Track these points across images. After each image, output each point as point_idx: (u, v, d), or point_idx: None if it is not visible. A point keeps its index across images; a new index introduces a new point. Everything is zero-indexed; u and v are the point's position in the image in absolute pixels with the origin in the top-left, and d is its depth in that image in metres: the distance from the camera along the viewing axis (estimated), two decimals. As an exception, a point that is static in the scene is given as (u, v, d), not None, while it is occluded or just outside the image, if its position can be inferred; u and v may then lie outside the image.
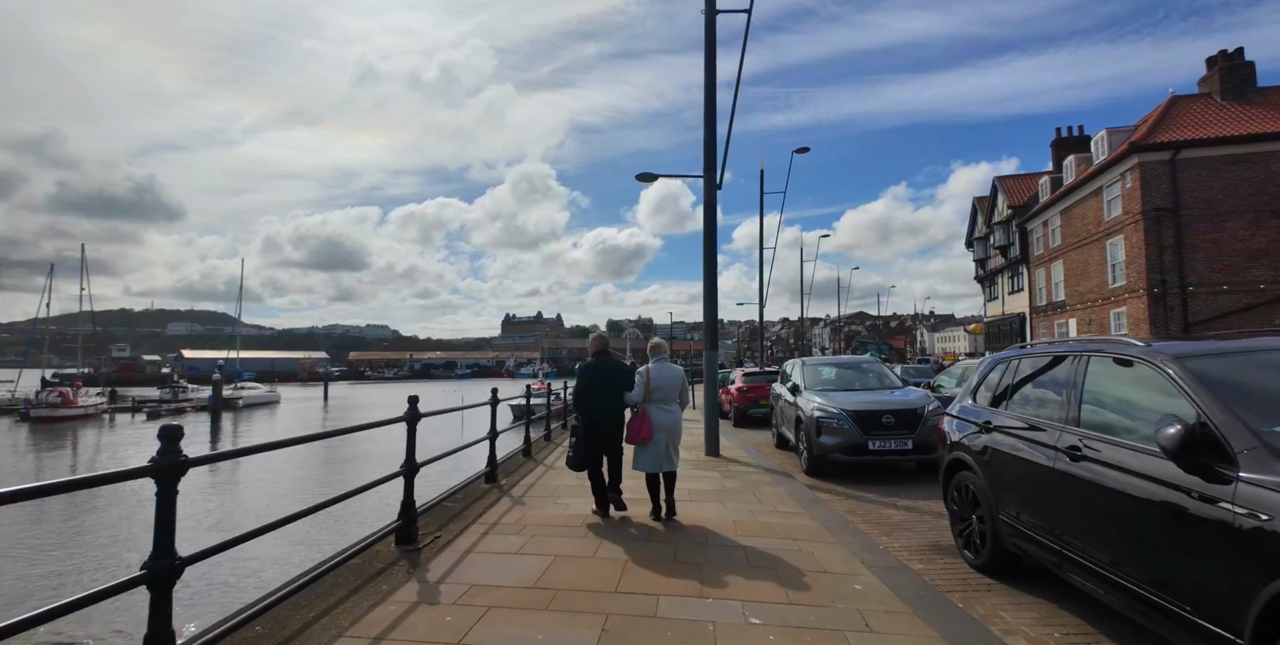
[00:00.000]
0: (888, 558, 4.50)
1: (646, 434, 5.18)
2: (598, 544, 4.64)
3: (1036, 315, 31.16)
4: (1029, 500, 3.73)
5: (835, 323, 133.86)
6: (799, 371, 9.44)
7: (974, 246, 39.63)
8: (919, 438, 7.46)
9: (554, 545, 4.57)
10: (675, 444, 5.36)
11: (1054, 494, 3.46)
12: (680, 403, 5.48)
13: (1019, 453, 3.84)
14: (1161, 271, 21.11)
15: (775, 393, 10.94)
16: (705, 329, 9.43)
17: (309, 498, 13.73)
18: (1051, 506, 3.49)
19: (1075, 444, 3.32)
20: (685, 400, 5.59)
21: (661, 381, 5.35)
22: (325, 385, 67.42)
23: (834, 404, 7.83)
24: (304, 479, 18.99)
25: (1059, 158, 31.43)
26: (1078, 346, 3.71)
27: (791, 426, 9.02)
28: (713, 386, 9.54)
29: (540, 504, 5.97)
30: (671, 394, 5.39)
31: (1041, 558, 3.64)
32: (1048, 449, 3.55)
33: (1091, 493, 3.12)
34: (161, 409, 47.76)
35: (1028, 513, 3.74)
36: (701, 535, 4.93)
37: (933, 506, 6.40)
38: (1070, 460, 3.32)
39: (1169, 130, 22.07)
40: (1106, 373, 3.41)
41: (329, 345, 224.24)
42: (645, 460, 5.29)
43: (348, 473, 19.79)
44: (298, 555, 10.17)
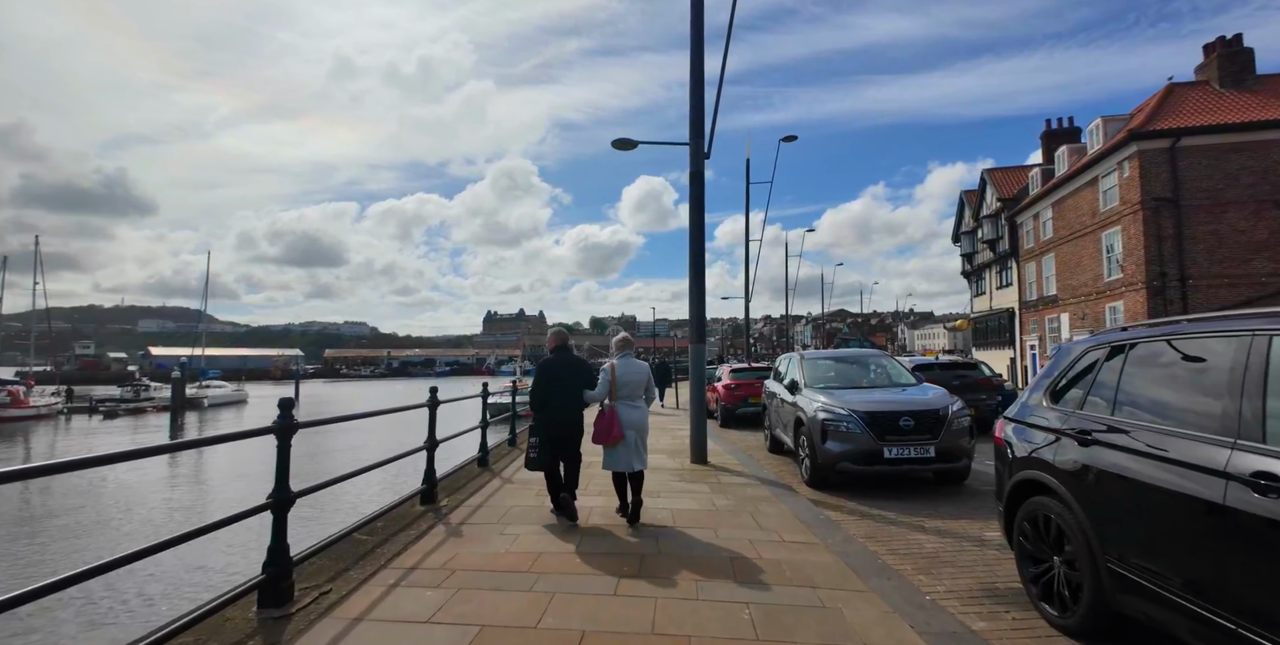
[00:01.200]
0: (941, 615, 3.32)
1: (618, 433, 4.96)
2: (546, 601, 3.38)
3: (1026, 310, 30.48)
4: (1161, 545, 2.58)
5: (817, 320, 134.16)
6: (797, 367, 8.26)
7: (961, 241, 38.97)
8: (942, 444, 6.33)
9: (486, 605, 3.30)
10: (644, 441, 5.19)
11: (1213, 541, 2.31)
12: (646, 399, 5.31)
13: (1146, 478, 2.67)
14: (1161, 263, 20.37)
15: (769, 391, 9.77)
16: (691, 319, 8.23)
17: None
18: (1205, 558, 2.35)
19: (1264, 470, 2.17)
20: (651, 396, 5.41)
21: (628, 378, 5.16)
22: (296, 384, 65.11)
23: (842, 404, 6.66)
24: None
25: (1049, 149, 30.78)
26: (1249, 322, 2.54)
27: (789, 430, 7.86)
28: (700, 384, 8.34)
29: (482, 536, 4.70)
30: (638, 390, 5.21)
31: (1176, 627, 2.49)
32: (1206, 475, 2.39)
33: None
34: (119, 409, 45.51)
35: (1156, 562, 2.59)
36: (691, 584, 3.70)
37: (968, 529, 5.25)
38: (1257, 493, 2.16)
39: (1168, 118, 21.33)
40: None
41: (305, 343, 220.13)
42: (615, 459, 5.07)
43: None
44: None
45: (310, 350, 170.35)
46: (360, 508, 6.42)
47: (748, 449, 10.24)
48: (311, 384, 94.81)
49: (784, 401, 8.33)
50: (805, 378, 7.89)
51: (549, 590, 3.55)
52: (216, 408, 49.52)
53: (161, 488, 16.87)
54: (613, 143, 8.92)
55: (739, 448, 10.11)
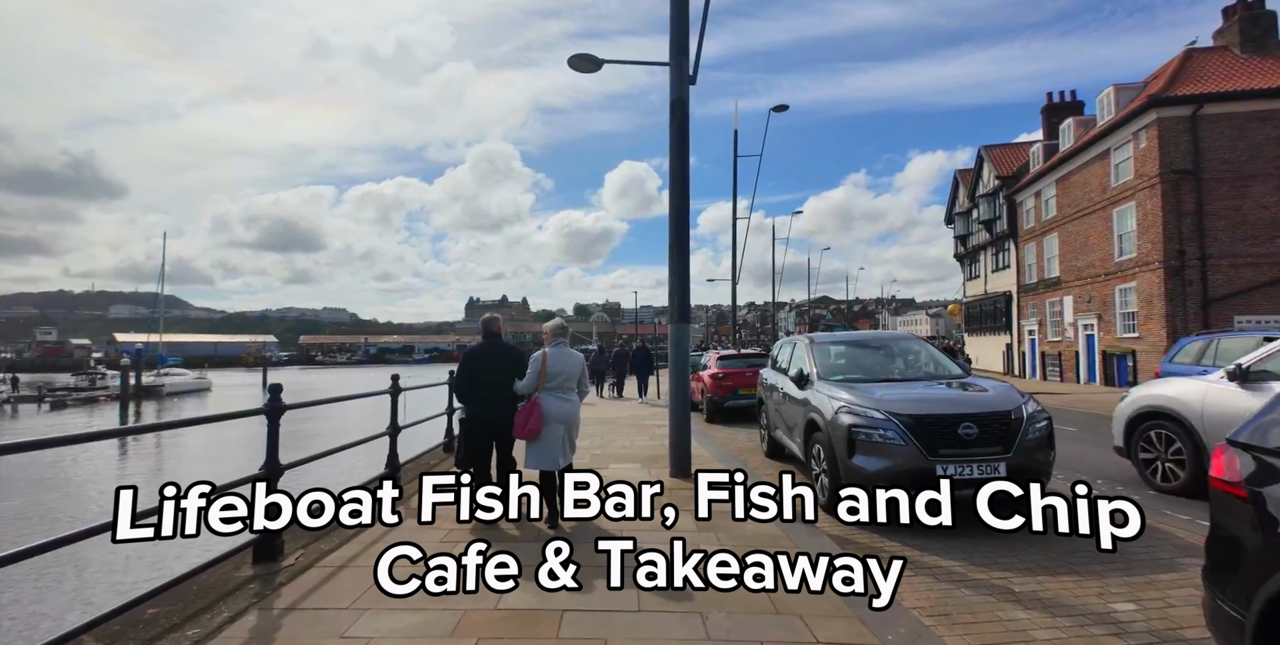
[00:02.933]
0: None
1: (535, 426, 4.62)
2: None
3: (1024, 293, 29.10)
4: None
5: (800, 307, 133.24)
6: (807, 354, 6.43)
7: (954, 222, 37.48)
8: (1017, 459, 4.59)
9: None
10: (572, 436, 4.92)
11: None
12: (580, 392, 5.01)
13: None
14: (1180, 241, 18.89)
15: (767, 383, 7.99)
16: (672, 293, 6.40)
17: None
18: None
19: None
20: (585, 389, 5.09)
21: (559, 368, 4.80)
22: (264, 371, 62.45)
23: (875, 403, 4.90)
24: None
25: (1051, 124, 29.21)
26: None
27: (798, 434, 6.10)
28: (683, 374, 6.55)
29: (314, 634, 2.85)
30: (570, 382, 4.88)
31: None
32: None
33: None
34: (68, 398, 42.98)
35: None
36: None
37: (1082, 594, 3.52)
38: None
39: (1188, 84, 19.75)
40: None
41: (283, 329, 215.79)
42: (538, 456, 4.71)
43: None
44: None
45: (289, 337, 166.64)
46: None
47: (740, 452, 8.49)
48: (285, 371, 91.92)
49: (788, 398, 6.56)
50: (818, 368, 6.09)
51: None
52: (177, 396, 47.12)
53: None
54: (570, 60, 6.95)
55: (730, 452, 8.36)
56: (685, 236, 6.34)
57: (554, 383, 4.75)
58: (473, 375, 4.87)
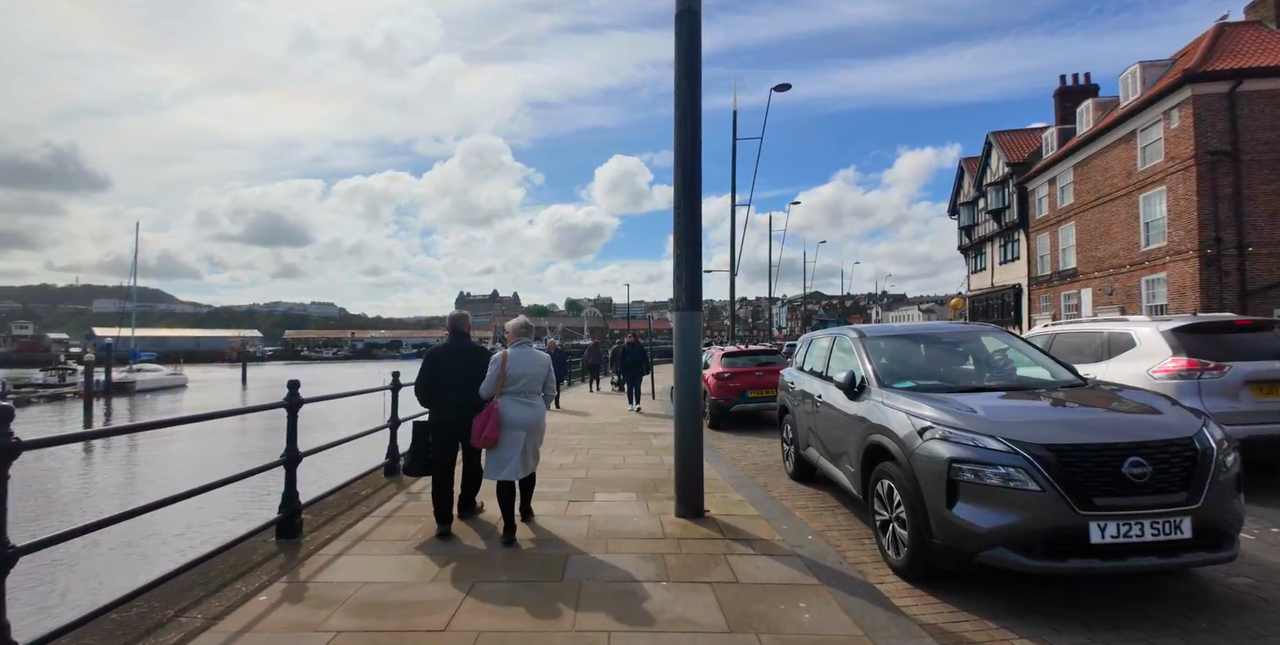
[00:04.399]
0: None
1: (491, 434, 4.24)
2: None
3: (1036, 286, 27.72)
4: None
5: (793, 302, 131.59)
6: (859, 353, 4.83)
7: (959, 213, 36.08)
8: (1206, 511, 3.03)
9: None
10: (535, 443, 4.51)
11: None
12: (545, 395, 4.63)
13: None
14: (1216, 228, 17.48)
15: (793, 388, 6.38)
16: (679, 271, 4.78)
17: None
18: None
19: None
20: (551, 392, 4.69)
21: (521, 370, 4.40)
22: (243, 367, 60.35)
23: (985, 426, 3.31)
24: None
25: (1064, 108, 27.77)
26: None
27: (850, 461, 4.51)
28: (691, 375, 4.95)
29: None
30: (533, 385, 4.48)
31: None
32: None
33: None
34: (32, 396, 40.95)
35: None
36: None
37: None
38: None
39: (1224, 59, 18.30)
40: None
41: (271, 323, 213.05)
42: (496, 465, 4.31)
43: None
44: None
45: (276, 332, 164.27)
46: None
47: (755, 471, 6.91)
48: (268, 367, 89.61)
49: (830, 410, 4.99)
50: (877, 371, 4.50)
51: None
52: (150, 393, 45.24)
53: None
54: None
55: (742, 471, 6.77)
56: (695, 194, 4.73)
57: (515, 386, 4.39)
58: (435, 378, 4.59)
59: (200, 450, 18.75)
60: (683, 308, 4.81)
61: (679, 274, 4.79)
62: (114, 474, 16.21)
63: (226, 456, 17.37)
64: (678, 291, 4.82)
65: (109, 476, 15.78)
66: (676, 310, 4.83)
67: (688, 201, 4.68)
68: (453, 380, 4.54)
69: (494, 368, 4.41)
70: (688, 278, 4.77)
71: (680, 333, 4.83)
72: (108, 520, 2.89)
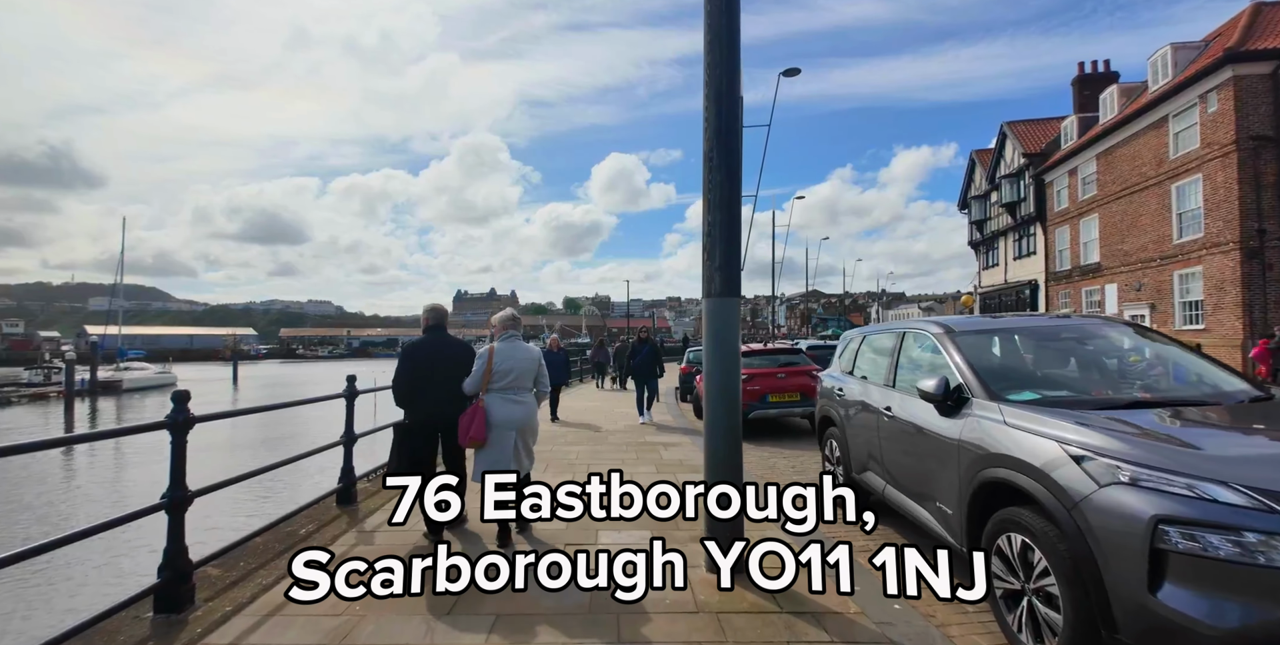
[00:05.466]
0: None
1: (477, 433, 4.01)
2: None
3: (1054, 282, 26.59)
4: None
5: (791, 300, 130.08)
6: (951, 352, 3.58)
7: (970, 207, 34.91)
8: None
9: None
10: (528, 442, 4.24)
11: None
12: (538, 392, 4.37)
13: None
14: (1259, 218, 16.35)
15: (841, 397, 5.17)
16: (711, 242, 3.57)
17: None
18: None
19: None
20: (543, 388, 4.43)
21: (509, 365, 4.17)
22: (234, 365, 59.07)
23: (1206, 468, 2.16)
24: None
25: (1084, 96, 26.55)
26: None
27: (948, 500, 3.33)
28: (729, 379, 3.70)
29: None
30: (523, 381, 4.24)
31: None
32: None
33: None
34: (12, 396, 39.72)
35: None
36: None
37: None
38: None
39: (1265, 39, 17.16)
40: None
41: (267, 322, 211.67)
42: (487, 462, 4.04)
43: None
44: None
45: (273, 330, 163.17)
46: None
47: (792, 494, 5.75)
48: (263, 365, 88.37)
49: (904, 426, 3.83)
50: (981, 376, 3.33)
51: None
52: (140, 392, 44.06)
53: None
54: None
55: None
56: (734, 137, 3.54)
57: (503, 382, 4.17)
58: (414, 375, 4.34)
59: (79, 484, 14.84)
60: (716, 292, 3.63)
61: (712, 248, 3.61)
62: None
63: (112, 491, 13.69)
64: (709, 272, 3.65)
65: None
66: (709, 296, 3.65)
67: (723, 149, 3.50)
68: (434, 378, 4.26)
69: (480, 363, 4.18)
70: (723, 253, 3.60)
71: (714, 326, 3.65)
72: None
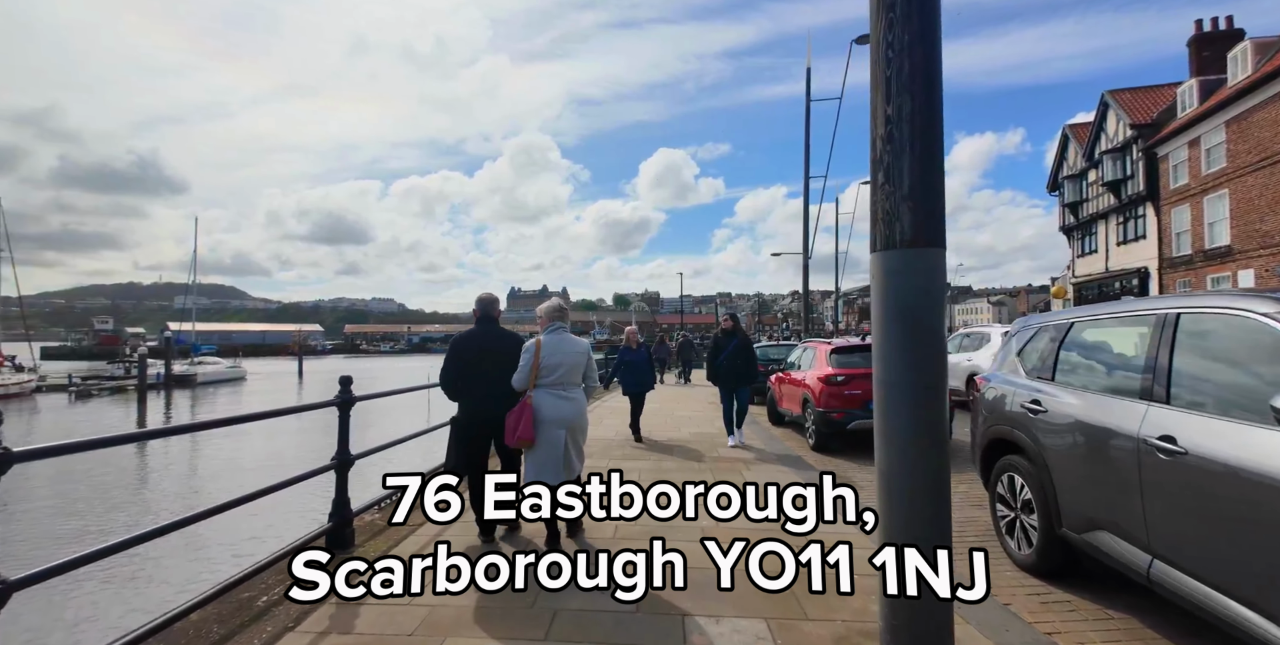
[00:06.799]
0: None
1: (525, 432, 3.76)
2: None
3: (1170, 269, 23.47)
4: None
5: (847, 295, 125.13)
6: None
7: (1063, 187, 31.62)
8: None
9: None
10: (578, 442, 3.99)
11: None
12: (587, 387, 4.11)
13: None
14: None
15: (1045, 416, 3.50)
16: (892, 144, 2.09)
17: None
18: None
19: None
20: (593, 384, 4.18)
21: (557, 359, 3.91)
22: (300, 360, 60.77)
23: None
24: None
25: (1202, 58, 23.24)
26: None
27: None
28: (932, 377, 2.09)
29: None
30: (572, 376, 3.98)
31: None
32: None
33: None
34: (92, 389, 41.56)
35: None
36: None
37: None
38: None
39: None
40: None
41: (335, 318, 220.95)
42: (535, 467, 3.83)
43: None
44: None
45: (339, 326, 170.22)
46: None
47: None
48: (328, 360, 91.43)
49: (1224, 475, 2.19)
50: None
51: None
52: (211, 385, 45.84)
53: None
54: None
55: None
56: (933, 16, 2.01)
57: (551, 377, 3.89)
58: (462, 369, 4.15)
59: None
60: (904, 239, 2.07)
61: (894, 165, 2.07)
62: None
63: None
64: (889, 205, 2.10)
65: None
66: (890, 248, 2.10)
67: (923, 36, 1.97)
68: (483, 372, 4.13)
69: (526, 357, 3.98)
70: (919, 168, 2.05)
71: (901, 298, 2.08)
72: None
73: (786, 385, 9.33)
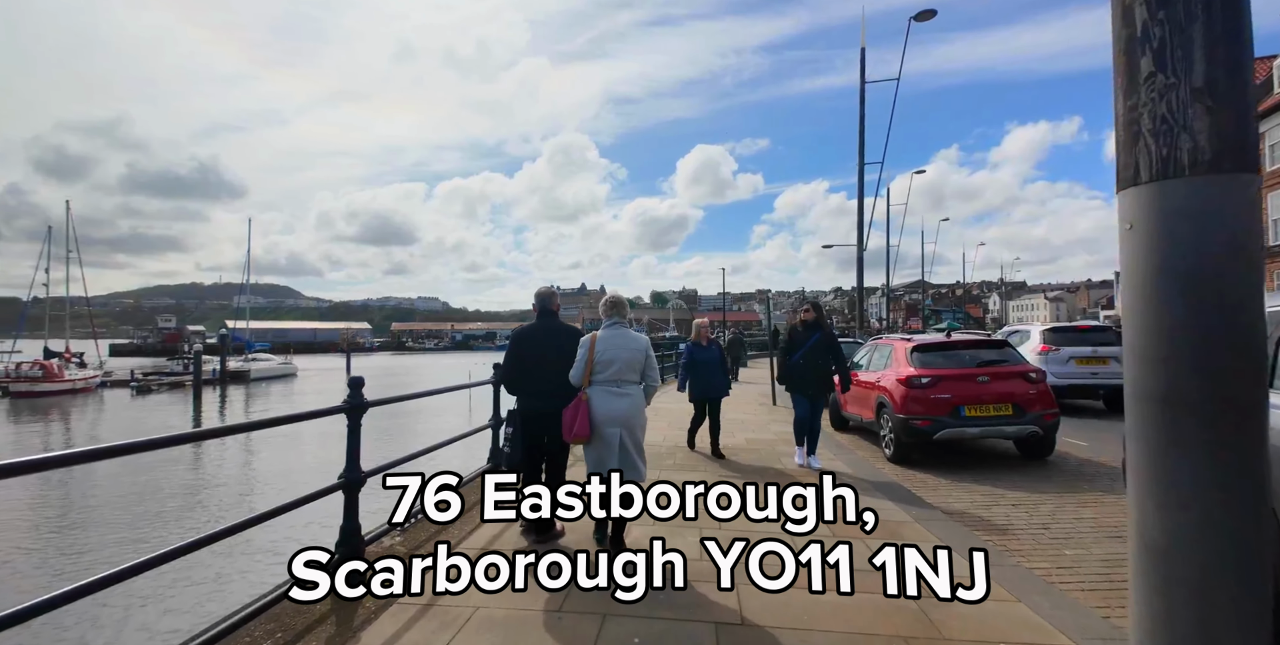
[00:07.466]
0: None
1: (581, 429, 3.74)
2: None
3: (1268, 260, 21.34)
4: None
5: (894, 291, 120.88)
6: None
7: (1138, 175, 29.38)
8: None
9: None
10: (637, 439, 3.84)
11: None
12: (647, 386, 3.97)
13: None
14: None
15: None
16: (1175, 10, 1.30)
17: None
18: None
19: None
20: (653, 382, 3.99)
21: (613, 354, 3.84)
22: (348, 357, 62.13)
23: None
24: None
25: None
26: None
27: None
28: (1243, 390, 1.26)
29: None
30: (629, 372, 3.86)
31: None
32: None
33: None
34: (152, 384, 43.16)
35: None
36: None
37: None
38: None
39: None
40: None
41: (382, 317, 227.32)
42: (595, 461, 3.80)
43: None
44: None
45: (386, 324, 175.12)
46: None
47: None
48: (375, 357, 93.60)
49: None
50: None
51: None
52: (264, 381, 47.35)
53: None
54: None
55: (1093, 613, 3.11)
56: None
57: (606, 373, 3.83)
58: (522, 363, 4.12)
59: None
60: (1201, 161, 1.26)
61: (1179, 33, 1.25)
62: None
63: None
64: (1163, 106, 1.29)
65: None
66: (1152, 180, 1.29)
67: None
68: (539, 368, 4.05)
69: (582, 352, 3.89)
70: (1225, 41, 1.23)
71: (1187, 245, 1.27)
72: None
73: (853, 386, 8.43)
